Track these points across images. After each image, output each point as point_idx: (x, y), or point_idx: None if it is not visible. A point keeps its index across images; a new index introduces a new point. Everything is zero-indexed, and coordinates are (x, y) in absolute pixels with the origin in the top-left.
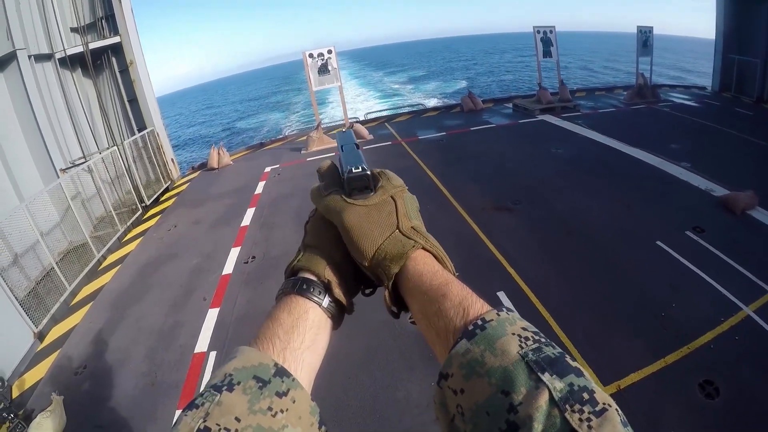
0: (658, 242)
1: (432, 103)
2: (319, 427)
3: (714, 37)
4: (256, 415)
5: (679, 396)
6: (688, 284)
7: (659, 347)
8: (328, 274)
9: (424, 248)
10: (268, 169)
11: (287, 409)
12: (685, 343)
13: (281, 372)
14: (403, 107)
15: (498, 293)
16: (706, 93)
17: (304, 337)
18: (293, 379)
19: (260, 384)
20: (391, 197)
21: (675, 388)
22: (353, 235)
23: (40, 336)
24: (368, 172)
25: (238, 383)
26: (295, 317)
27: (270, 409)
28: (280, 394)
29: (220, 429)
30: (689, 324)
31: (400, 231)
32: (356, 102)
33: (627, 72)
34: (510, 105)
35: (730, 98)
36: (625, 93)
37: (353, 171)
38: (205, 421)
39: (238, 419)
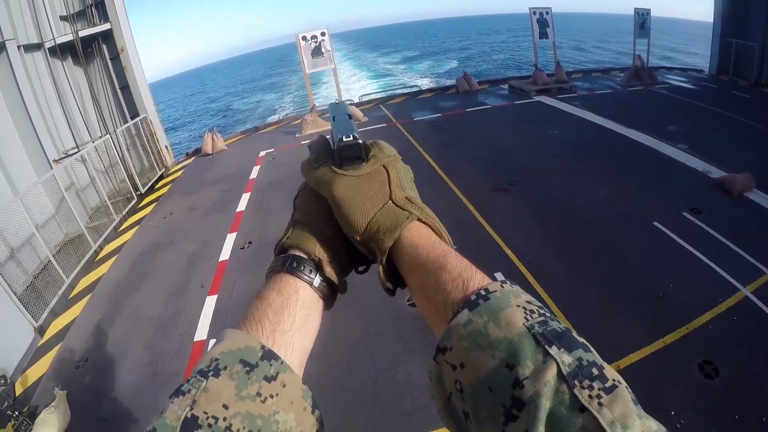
0: (656, 223)
1: (424, 82)
2: (313, 411)
3: (712, 20)
4: (244, 401)
5: (679, 376)
6: (686, 265)
7: (658, 328)
8: (319, 252)
9: (419, 219)
10: (262, 153)
11: (277, 394)
12: (683, 324)
13: (269, 355)
14: (398, 89)
15: (495, 274)
16: (703, 76)
17: (295, 318)
18: (282, 362)
19: (247, 368)
20: (383, 167)
21: (674, 368)
22: (343, 207)
23: (41, 330)
24: (360, 141)
25: (225, 368)
26: (284, 297)
27: (259, 394)
28: (269, 378)
29: (207, 417)
30: (687, 305)
31: (393, 202)
32: (350, 82)
33: (616, 52)
34: (506, 86)
35: (727, 81)
36: (621, 74)
37: (344, 140)
38: (191, 409)
39: (225, 406)
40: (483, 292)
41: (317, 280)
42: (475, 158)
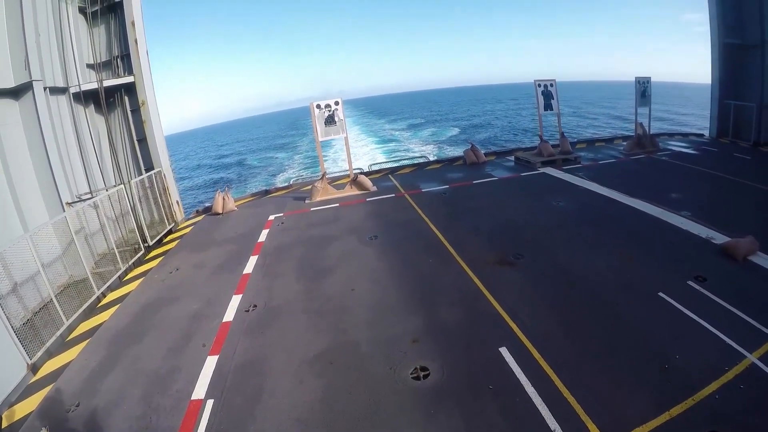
0: (661, 293)
1: (427, 149)
2: None
3: (710, 83)
4: None
5: None
6: (691, 334)
7: (664, 400)
8: None
9: None
10: (272, 217)
11: None
12: (689, 395)
13: None
14: (407, 159)
15: (500, 348)
16: (704, 140)
17: None
18: None
19: None
20: None
21: None
22: None
23: (34, 368)
24: None
25: None
26: None
27: None
28: None
29: None
30: (693, 375)
31: None
32: (356, 146)
33: (612, 116)
34: (512, 158)
35: (727, 143)
36: (624, 143)
37: None
38: None
39: None
40: None
41: None
42: (482, 230)
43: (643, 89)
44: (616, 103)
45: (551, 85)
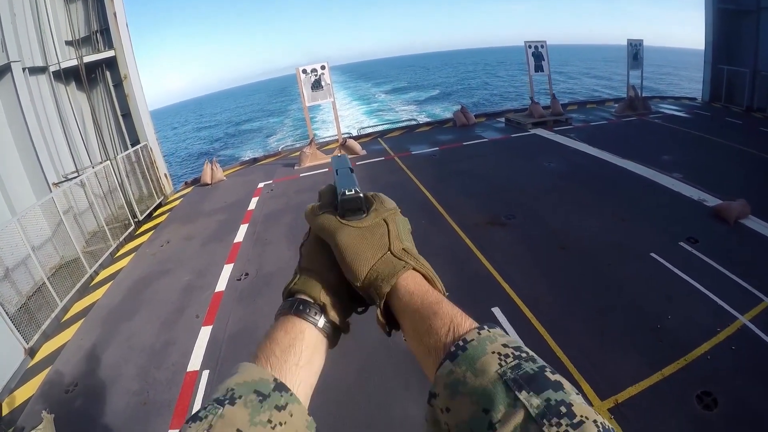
0: (652, 254)
1: (410, 108)
2: None
3: (703, 48)
4: (256, 426)
5: (678, 408)
6: (683, 295)
7: (656, 360)
8: (324, 297)
9: (414, 269)
10: (261, 184)
11: (285, 422)
12: (681, 355)
13: (280, 387)
14: (396, 122)
15: (492, 309)
16: (696, 104)
17: (300, 356)
18: (291, 394)
19: (261, 398)
20: (384, 220)
21: (673, 400)
22: (346, 255)
23: (31, 352)
24: (361, 195)
25: (240, 397)
26: (291, 337)
27: (270, 421)
28: (279, 408)
29: None
30: (685, 335)
31: (391, 252)
32: (342, 110)
33: (606, 79)
34: (502, 119)
35: (720, 108)
36: (616, 105)
37: (346, 194)
38: None
39: (239, 431)
40: (461, 343)
41: (322, 321)
42: (473, 192)
43: (635, 51)
44: (594, 65)
45: (542, 46)
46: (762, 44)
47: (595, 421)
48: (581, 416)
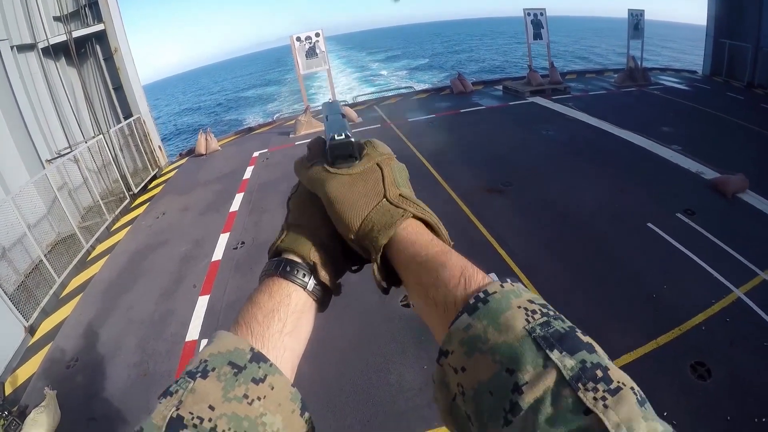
0: (649, 224)
1: (401, 74)
2: (302, 414)
3: (705, 23)
4: (230, 402)
5: (672, 377)
6: (679, 266)
7: (651, 329)
8: (314, 255)
9: (414, 216)
10: (256, 153)
11: (265, 396)
12: (676, 325)
13: (258, 357)
14: (392, 89)
15: (489, 274)
16: (696, 77)
17: (286, 321)
18: (270, 365)
19: (235, 370)
20: (378, 165)
21: (667, 369)
22: (337, 206)
23: (31, 330)
24: (352, 139)
25: (213, 369)
26: (276, 301)
27: (246, 396)
28: (257, 381)
29: (193, 418)
30: (681, 306)
31: (387, 200)
32: (335, 77)
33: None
34: (500, 87)
35: (721, 82)
36: (615, 75)
37: (336, 138)
38: (177, 409)
39: (212, 407)
40: (482, 295)
41: (311, 283)
42: (470, 159)
43: (636, 22)
44: (582, 37)
45: (541, 14)
46: (765, 20)
47: (632, 388)
48: (619, 382)
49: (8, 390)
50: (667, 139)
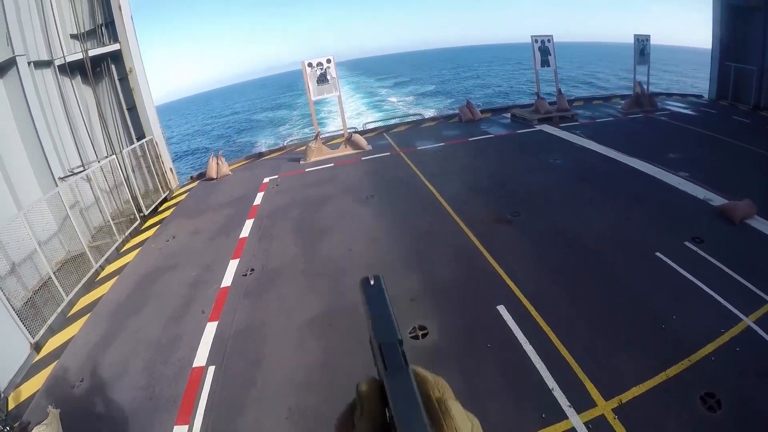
0: (658, 253)
1: (408, 100)
2: None
3: (704, 46)
4: None
5: (681, 409)
6: (687, 296)
7: (660, 360)
8: None
9: None
10: (266, 179)
11: None
12: (686, 356)
13: None
14: (401, 116)
15: (498, 307)
16: (703, 101)
17: None
18: None
19: None
20: None
21: (676, 401)
22: None
23: (37, 347)
24: (407, 369)
25: None
26: None
27: None
28: None
29: None
30: (690, 336)
31: None
32: (344, 101)
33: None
34: (508, 115)
35: (727, 106)
36: (622, 102)
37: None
38: None
39: None
40: None
41: None
42: (479, 188)
43: (641, 47)
44: (588, 62)
45: (548, 40)
46: None
47: None
48: None
49: (11, 405)
50: (674, 165)
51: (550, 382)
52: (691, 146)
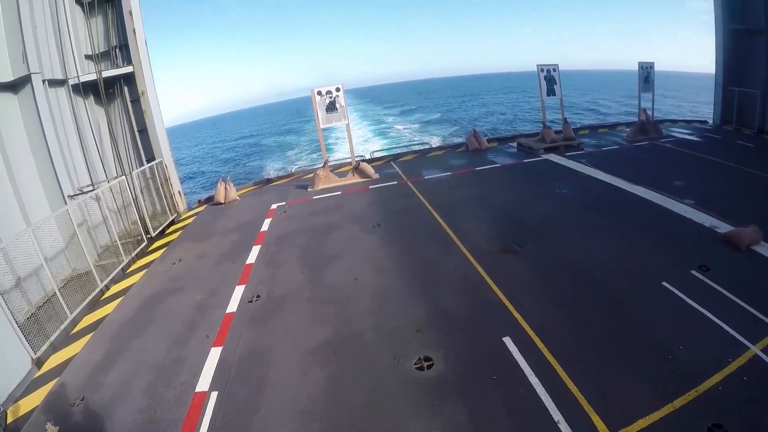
0: (664, 283)
1: (414, 127)
2: None
3: (713, 71)
4: None
5: None
6: (694, 325)
7: (667, 391)
8: None
9: None
10: (274, 206)
11: None
12: (693, 386)
13: None
14: (408, 144)
15: (504, 339)
16: (707, 127)
17: None
18: None
19: None
20: None
21: None
22: None
23: (38, 363)
24: None
25: None
26: None
27: None
28: None
29: None
30: (697, 366)
31: None
32: (355, 131)
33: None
34: (514, 144)
35: (731, 131)
36: (627, 129)
37: None
38: None
39: None
40: None
41: None
42: (485, 218)
43: (646, 74)
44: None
45: (554, 69)
46: None
47: None
48: None
49: (9, 419)
50: (680, 193)
51: (556, 415)
52: (697, 173)
